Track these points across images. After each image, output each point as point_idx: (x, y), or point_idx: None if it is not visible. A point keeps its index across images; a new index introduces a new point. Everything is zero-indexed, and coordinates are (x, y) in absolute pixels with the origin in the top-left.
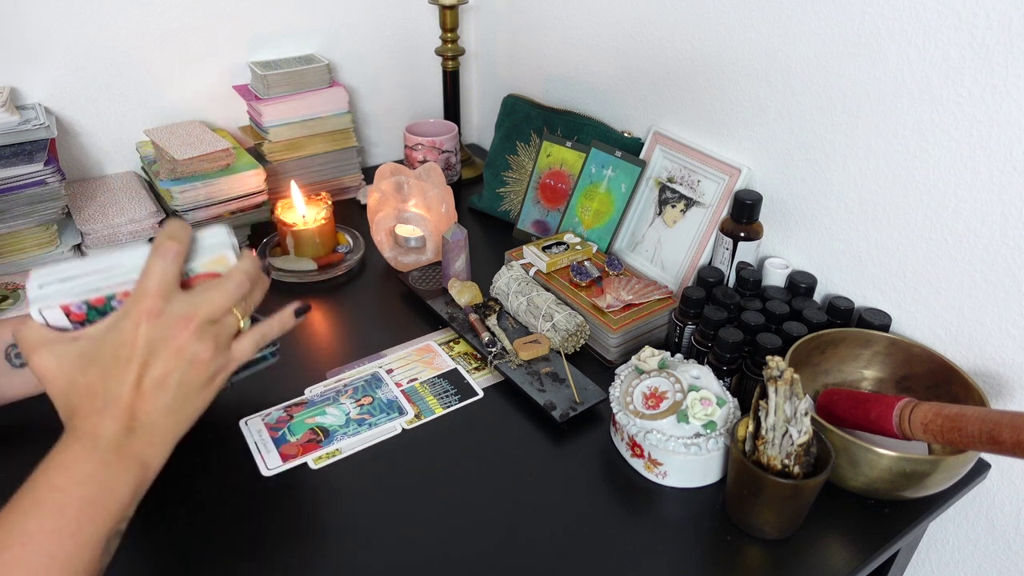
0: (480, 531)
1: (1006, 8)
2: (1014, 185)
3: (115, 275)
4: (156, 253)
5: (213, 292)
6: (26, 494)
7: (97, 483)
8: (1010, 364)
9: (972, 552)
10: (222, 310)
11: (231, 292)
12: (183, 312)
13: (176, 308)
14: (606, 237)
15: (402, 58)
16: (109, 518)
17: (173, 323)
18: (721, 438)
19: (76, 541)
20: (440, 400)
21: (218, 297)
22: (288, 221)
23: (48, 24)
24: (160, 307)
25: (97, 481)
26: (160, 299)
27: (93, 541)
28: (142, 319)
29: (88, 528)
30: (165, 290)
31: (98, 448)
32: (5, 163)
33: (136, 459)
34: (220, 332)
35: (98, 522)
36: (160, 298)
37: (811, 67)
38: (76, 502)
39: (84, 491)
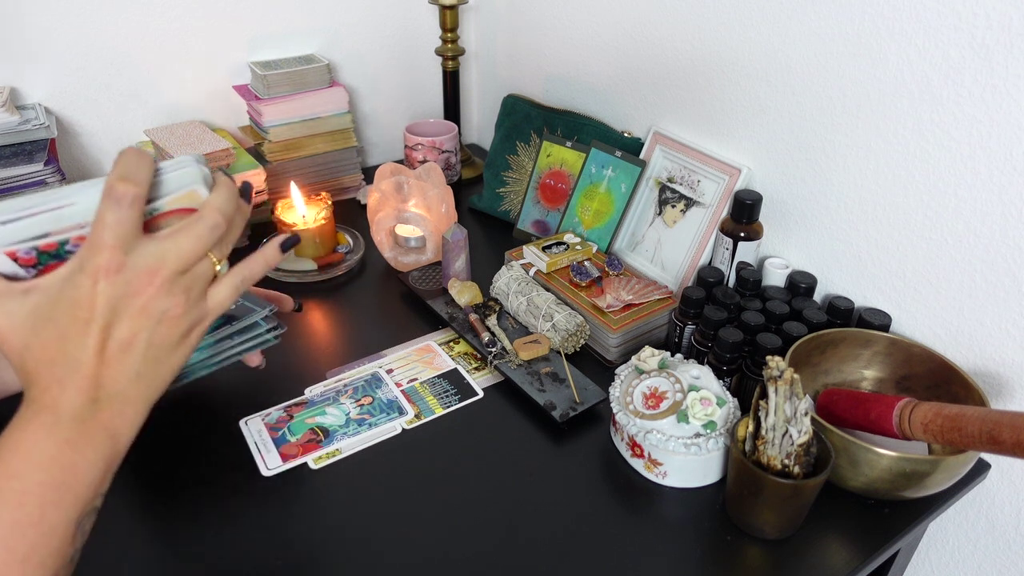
0: (480, 531)
1: (1006, 8)
2: (1014, 185)
3: (68, 216)
4: (108, 199)
5: (181, 237)
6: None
7: (60, 466)
8: (1010, 364)
9: (972, 552)
10: (193, 257)
11: (203, 235)
12: (147, 264)
13: (139, 260)
14: (606, 237)
15: (402, 58)
16: (77, 500)
17: (136, 278)
18: (721, 438)
19: (39, 531)
20: (440, 400)
21: (187, 242)
22: (288, 221)
23: (48, 24)
24: (119, 260)
25: (60, 463)
26: (119, 251)
27: (60, 528)
28: (100, 275)
29: (53, 516)
30: (123, 240)
31: (60, 424)
32: (5, 163)
33: (104, 432)
34: (192, 282)
35: (64, 507)
36: (118, 250)
37: (811, 67)
38: (37, 488)
39: (46, 475)
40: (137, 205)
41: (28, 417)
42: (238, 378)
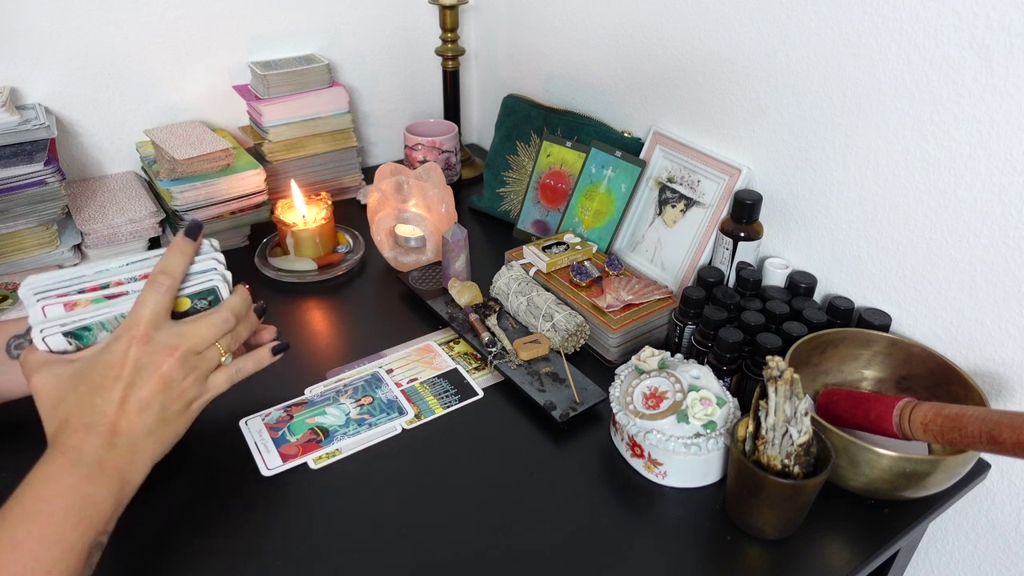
0: (480, 531)
1: (1006, 8)
2: (1014, 185)
3: (105, 276)
4: (150, 286)
5: (199, 325)
6: (14, 504)
7: (80, 494)
8: (1010, 364)
9: (972, 552)
10: (206, 343)
11: (216, 326)
12: (170, 341)
13: (164, 337)
14: (606, 237)
15: (402, 58)
16: (91, 528)
17: (160, 350)
18: (721, 438)
19: (61, 547)
20: (440, 400)
21: (203, 330)
22: (288, 221)
23: (48, 24)
24: (150, 334)
25: (80, 492)
26: (151, 327)
27: (77, 548)
28: (132, 343)
29: (72, 535)
30: (156, 319)
31: (82, 462)
32: (5, 163)
33: (117, 474)
34: (200, 363)
35: (81, 530)
36: (151, 326)
37: (811, 67)
38: (61, 511)
39: (68, 501)
40: (171, 293)
41: (55, 456)
42: None
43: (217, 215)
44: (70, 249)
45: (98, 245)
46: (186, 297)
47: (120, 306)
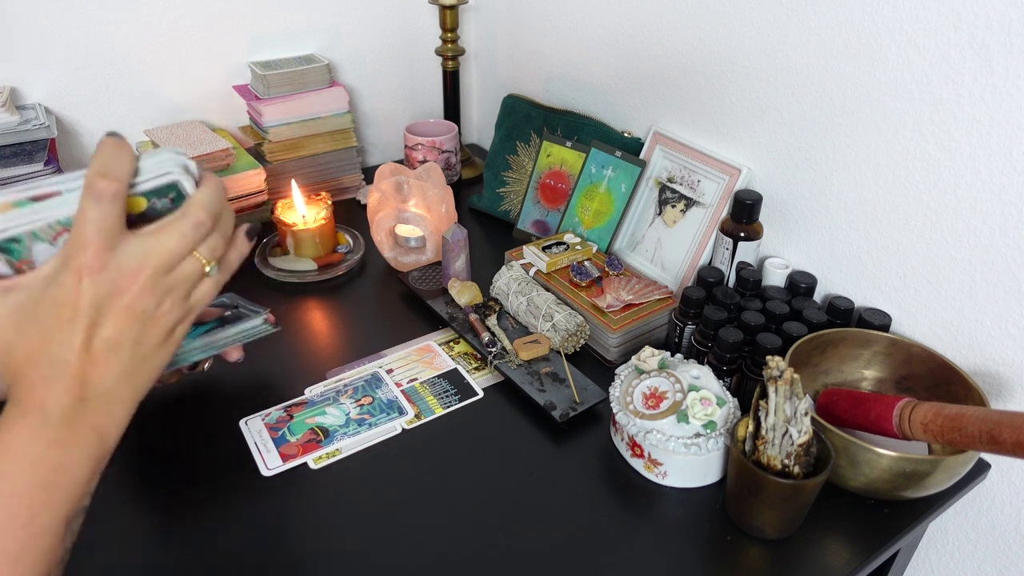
0: (480, 531)
1: (1006, 8)
2: (1014, 185)
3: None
4: (89, 195)
5: (165, 234)
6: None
7: (49, 465)
8: (1010, 364)
9: (972, 552)
10: (178, 256)
11: (187, 233)
12: (131, 263)
13: (122, 259)
14: (606, 237)
15: (402, 58)
16: (66, 500)
17: (120, 277)
18: (721, 438)
19: (29, 531)
20: (440, 400)
21: (171, 240)
22: (288, 221)
23: (48, 24)
24: (103, 259)
25: (49, 464)
26: (102, 249)
27: (51, 528)
28: (84, 273)
29: (43, 515)
30: (106, 238)
31: (48, 424)
32: (5, 163)
33: (92, 431)
34: (176, 282)
35: (53, 507)
36: (102, 248)
37: (811, 67)
38: (27, 488)
39: (36, 475)
40: (119, 201)
41: (15, 418)
42: (238, 378)
43: None
44: None
45: None
46: (140, 196)
47: (53, 211)
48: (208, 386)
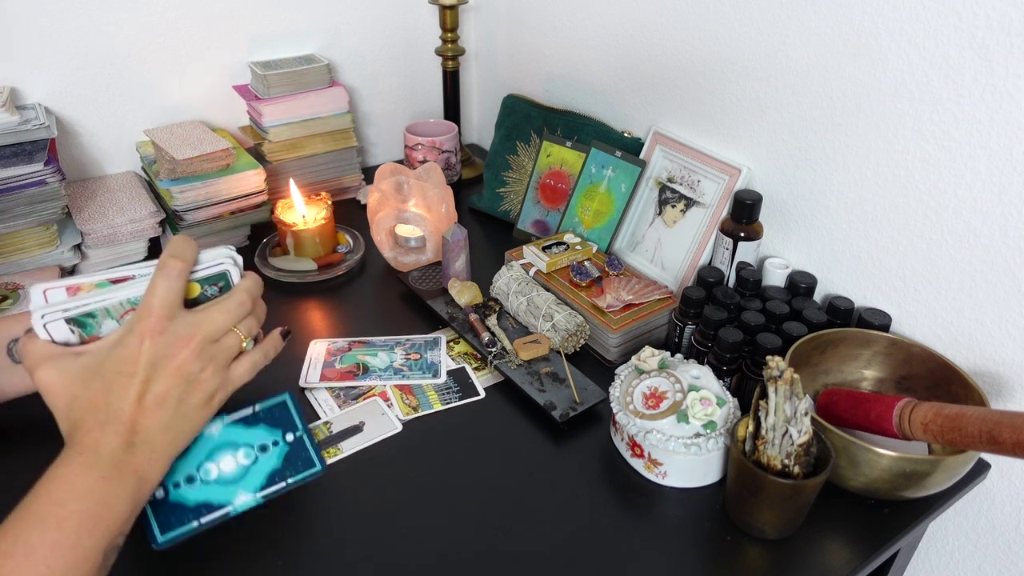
0: (480, 531)
1: (1006, 8)
2: (1014, 185)
3: (118, 291)
4: (160, 272)
5: (214, 311)
6: (28, 506)
7: (96, 497)
8: (1010, 364)
9: (972, 552)
10: (222, 329)
11: (232, 311)
12: (185, 331)
13: (178, 327)
14: (606, 237)
15: (402, 58)
16: (107, 532)
17: (175, 341)
18: (721, 438)
19: (75, 554)
20: (440, 396)
21: (219, 316)
22: (288, 221)
23: (48, 24)
24: (163, 325)
25: (96, 495)
26: (164, 317)
27: (92, 554)
28: (146, 336)
29: (86, 541)
30: (168, 308)
31: (99, 463)
32: (5, 163)
33: (135, 474)
34: (219, 352)
35: (96, 535)
36: (164, 316)
37: (811, 67)
38: (76, 515)
39: (83, 505)
40: (183, 278)
41: (71, 456)
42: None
43: (217, 215)
44: (70, 249)
45: (98, 245)
46: (195, 283)
47: (126, 291)
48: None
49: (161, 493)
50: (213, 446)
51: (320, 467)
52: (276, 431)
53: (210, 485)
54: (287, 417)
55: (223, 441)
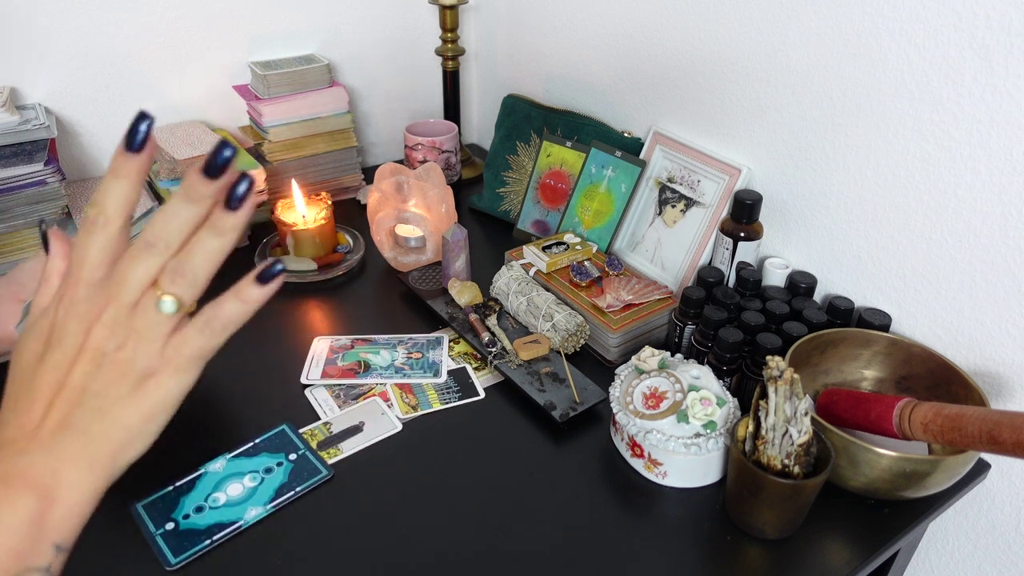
0: (480, 531)
1: (1006, 8)
2: (1014, 185)
3: None
4: (84, 225)
5: (123, 262)
6: None
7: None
8: (1010, 364)
9: (972, 552)
10: (139, 286)
11: (143, 253)
12: (94, 297)
13: (90, 292)
14: (606, 237)
15: (402, 58)
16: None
17: (84, 312)
18: (721, 438)
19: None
20: (440, 395)
21: (130, 268)
22: (288, 221)
23: (48, 24)
24: (78, 292)
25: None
26: (82, 282)
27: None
28: (53, 307)
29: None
30: (90, 271)
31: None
32: (5, 163)
33: (30, 488)
34: (140, 320)
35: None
36: (82, 281)
37: (811, 67)
38: None
39: None
40: (107, 230)
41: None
42: (234, 376)
43: None
44: None
45: None
46: None
47: None
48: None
49: (171, 525)
50: (220, 479)
51: (327, 472)
52: (279, 455)
53: (219, 509)
54: (287, 441)
55: (228, 473)
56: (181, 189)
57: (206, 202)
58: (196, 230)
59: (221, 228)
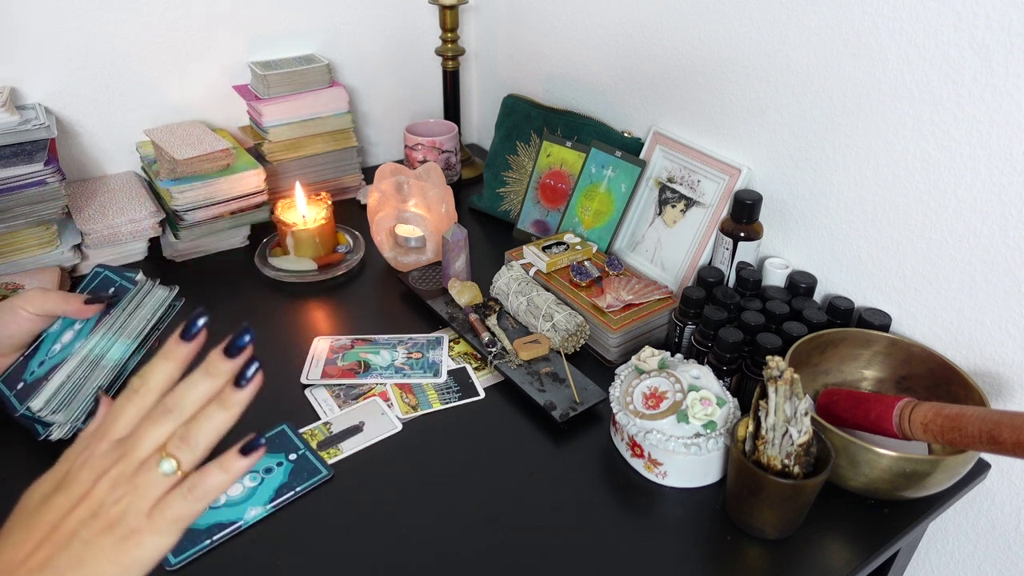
0: (479, 531)
1: (1006, 8)
2: (1014, 185)
3: None
4: (129, 394)
5: (146, 420)
6: None
7: None
8: (1010, 364)
9: (972, 552)
10: (152, 446)
11: (161, 418)
12: (117, 449)
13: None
14: (606, 237)
15: (402, 58)
16: None
17: (99, 464)
18: (721, 438)
19: None
20: (440, 395)
21: (148, 428)
22: (288, 221)
23: (48, 24)
24: (102, 439)
25: None
26: (105, 438)
27: None
28: (81, 450)
29: None
30: (117, 432)
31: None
32: (5, 163)
33: None
34: (141, 477)
35: None
36: (105, 437)
37: (811, 67)
38: None
39: None
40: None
41: None
42: None
43: (217, 215)
44: (70, 249)
45: (98, 245)
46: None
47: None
48: None
49: None
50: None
51: (327, 472)
52: (279, 455)
53: (219, 509)
54: (288, 441)
55: None
56: (204, 364)
57: (223, 378)
58: (209, 402)
59: (228, 403)
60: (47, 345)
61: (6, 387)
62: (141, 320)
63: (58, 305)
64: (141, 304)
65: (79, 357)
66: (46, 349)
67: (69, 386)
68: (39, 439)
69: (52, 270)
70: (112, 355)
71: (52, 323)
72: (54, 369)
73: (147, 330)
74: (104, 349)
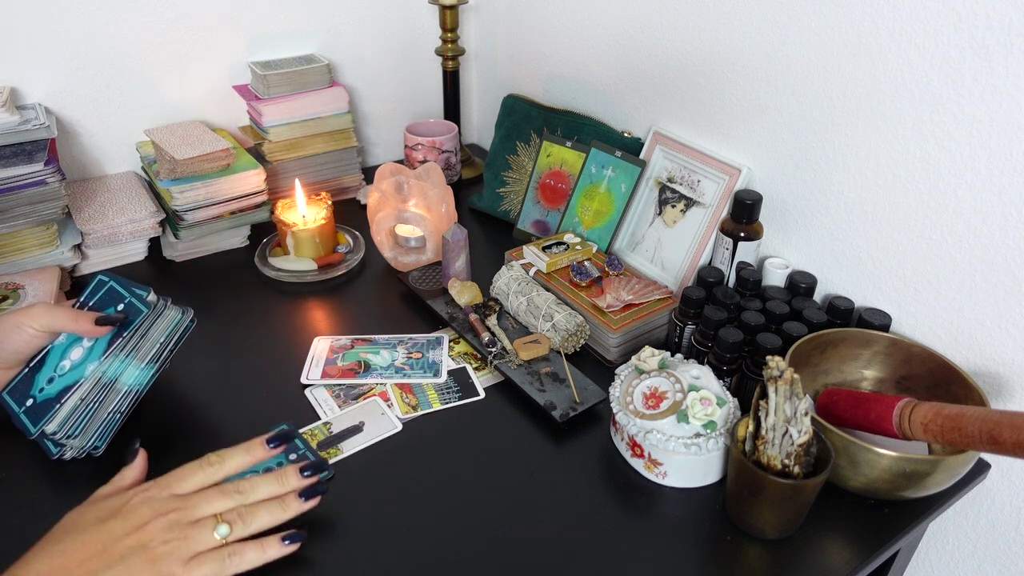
0: (479, 531)
1: (1006, 8)
2: (1014, 185)
3: None
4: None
5: (213, 492)
6: None
7: None
8: (1010, 364)
9: (972, 552)
10: (211, 513)
11: (231, 495)
12: (177, 501)
13: (174, 496)
14: (606, 237)
15: (402, 58)
16: None
17: (159, 506)
18: (721, 438)
19: None
20: (440, 395)
21: (215, 499)
22: (288, 221)
23: (48, 24)
24: (165, 488)
25: None
26: (167, 489)
27: None
28: (140, 492)
29: None
30: (181, 488)
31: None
32: (5, 163)
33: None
34: (195, 529)
35: None
36: (168, 489)
37: (811, 67)
38: None
39: None
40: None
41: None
42: (233, 374)
43: (217, 215)
44: (70, 249)
45: (98, 245)
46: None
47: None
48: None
49: None
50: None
51: (327, 472)
52: (278, 455)
53: None
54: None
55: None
56: (280, 473)
57: (289, 489)
58: (272, 499)
59: (288, 507)
60: (54, 359)
61: (15, 403)
62: (155, 343)
63: (67, 324)
64: (154, 325)
65: (92, 380)
66: (53, 364)
67: (83, 410)
68: (52, 458)
69: (52, 270)
70: (125, 379)
71: (57, 336)
72: (67, 391)
73: (162, 354)
74: (117, 372)
